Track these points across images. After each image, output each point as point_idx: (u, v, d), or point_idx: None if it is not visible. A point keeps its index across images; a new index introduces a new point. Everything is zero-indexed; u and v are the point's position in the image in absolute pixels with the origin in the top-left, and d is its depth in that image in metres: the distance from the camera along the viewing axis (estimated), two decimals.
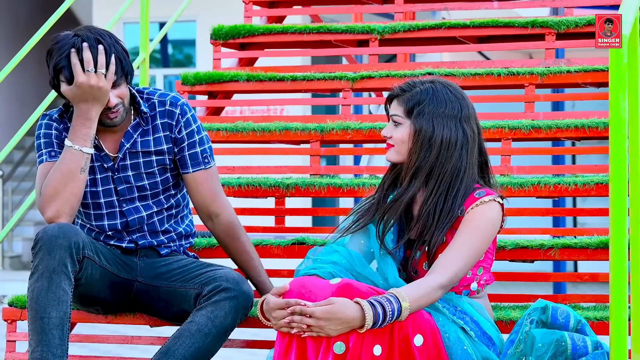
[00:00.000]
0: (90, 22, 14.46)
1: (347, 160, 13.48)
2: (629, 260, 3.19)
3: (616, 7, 3.49)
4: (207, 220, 3.82)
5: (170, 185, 3.79)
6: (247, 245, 3.84)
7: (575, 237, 4.14)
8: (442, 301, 3.24)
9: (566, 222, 10.45)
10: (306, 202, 11.72)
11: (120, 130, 3.72)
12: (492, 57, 10.88)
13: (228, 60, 5.57)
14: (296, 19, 11.18)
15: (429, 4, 5.63)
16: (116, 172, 3.72)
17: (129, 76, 3.66)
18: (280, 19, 5.89)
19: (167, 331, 3.72)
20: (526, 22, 5.10)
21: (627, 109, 3.09)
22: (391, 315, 3.03)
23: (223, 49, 5.49)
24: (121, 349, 6.75)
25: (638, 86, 3.29)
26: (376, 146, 5.32)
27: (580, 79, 4.75)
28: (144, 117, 3.72)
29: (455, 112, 3.31)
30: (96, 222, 3.75)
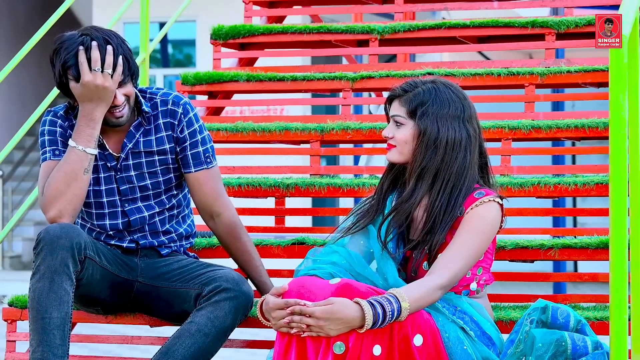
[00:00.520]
0: (90, 22, 14.46)
1: (347, 160, 13.48)
2: (629, 260, 3.19)
3: (616, 7, 3.48)
4: (208, 219, 3.81)
5: (172, 186, 3.79)
6: (248, 245, 3.84)
7: (575, 237, 4.14)
8: (442, 301, 3.23)
9: (566, 222, 10.44)
10: (306, 202, 11.72)
11: (123, 130, 3.72)
12: (492, 57, 10.88)
13: (228, 60, 5.57)
14: (296, 19, 11.18)
15: (429, 4, 5.63)
16: (119, 171, 3.72)
17: (134, 76, 3.66)
18: (280, 19, 5.89)
19: (167, 331, 3.72)
20: (526, 22, 5.10)
21: (627, 109, 3.09)
22: (391, 315, 3.03)
23: (223, 49, 5.49)
24: (121, 349, 6.74)
25: (638, 86, 3.29)
26: (376, 146, 5.32)
27: (580, 79, 4.75)
28: (145, 117, 3.72)
29: (459, 112, 3.31)
30: (97, 221, 3.75)
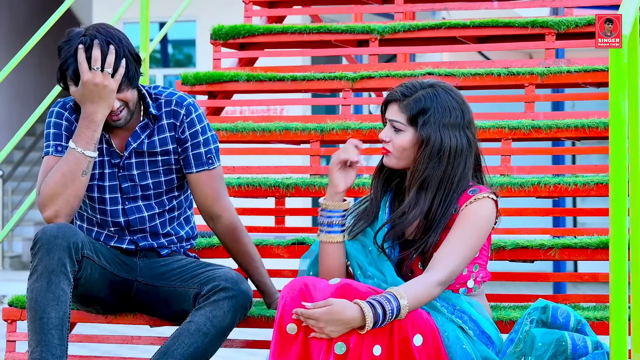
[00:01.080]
0: (91, 22, 14.45)
1: None
2: (629, 260, 3.19)
3: (616, 7, 3.48)
4: (208, 220, 3.81)
5: (174, 187, 3.78)
6: (248, 247, 3.83)
7: (575, 237, 4.14)
8: (441, 300, 3.23)
9: (566, 222, 10.43)
10: (306, 202, 11.71)
11: (130, 129, 3.71)
12: (492, 57, 10.88)
13: (228, 60, 5.57)
14: (296, 19, 11.18)
15: (429, 4, 5.63)
16: (122, 169, 3.72)
17: (134, 81, 3.62)
18: (280, 19, 5.89)
19: (167, 331, 3.71)
20: (526, 22, 5.10)
21: (627, 109, 3.09)
22: (391, 314, 3.03)
23: (223, 49, 5.48)
24: (121, 349, 6.74)
25: (638, 86, 3.29)
26: (376, 146, 5.32)
27: (580, 79, 4.75)
28: (152, 119, 3.72)
29: (459, 119, 3.28)
30: (100, 215, 3.75)
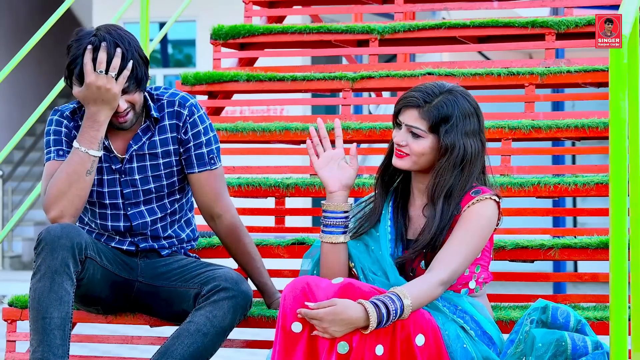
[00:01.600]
0: (90, 22, 14.45)
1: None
2: (629, 260, 3.19)
3: (616, 7, 3.48)
4: (209, 220, 3.81)
5: (175, 190, 3.78)
6: (249, 247, 3.83)
7: (575, 237, 4.14)
8: (443, 300, 3.24)
9: (566, 222, 10.43)
10: (306, 202, 11.71)
11: (131, 132, 3.71)
12: (492, 57, 10.88)
13: (228, 60, 5.57)
14: (296, 19, 11.18)
15: (429, 4, 5.63)
16: (123, 174, 3.71)
17: (141, 84, 3.62)
18: (280, 19, 5.89)
19: (167, 331, 3.71)
20: (526, 22, 5.10)
21: (627, 109, 3.09)
22: (394, 313, 3.03)
23: (223, 49, 5.48)
24: (121, 349, 6.74)
25: (638, 86, 3.29)
26: (376, 146, 5.32)
27: (580, 79, 4.75)
28: (153, 121, 3.71)
29: (476, 126, 3.29)
30: (100, 220, 3.75)
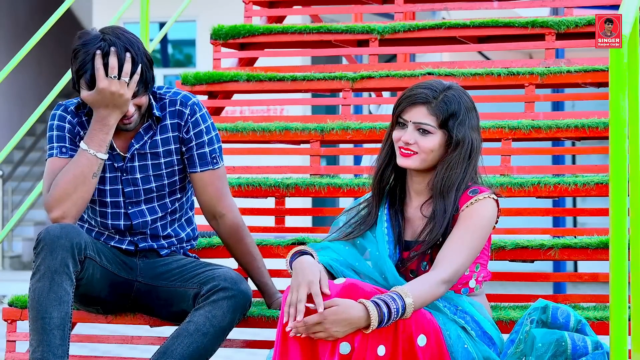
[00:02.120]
0: (90, 22, 14.45)
1: (347, 160, 13.46)
2: (629, 260, 3.19)
3: (616, 7, 3.48)
4: (211, 220, 3.81)
5: (176, 189, 3.78)
6: (250, 247, 3.83)
7: (575, 237, 4.14)
8: (443, 300, 3.23)
9: (566, 222, 10.43)
10: (306, 202, 11.71)
11: (132, 131, 3.70)
12: (492, 57, 10.88)
13: (228, 60, 5.57)
14: (296, 19, 11.18)
15: (429, 4, 5.63)
16: (125, 173, 3.71)
17: (149, 86, 3.63)
18: (280, 19, 5.89)
19: (167, 331, 3.71)
20: (526, 22, 5.10)
21: (627, 109, 3.09)
22: (396, 313, 3.03)
23: (223, 49, 5.48)
24: (121, 349, 6.74)
25: (638, 86, 3.29)
26: (376, 146, 5.32)
27: (580, 79, 4.75)
28: (155, 120, 3.71)
29: (477, 121, 3.34)
30: (101, 218, 3.75)
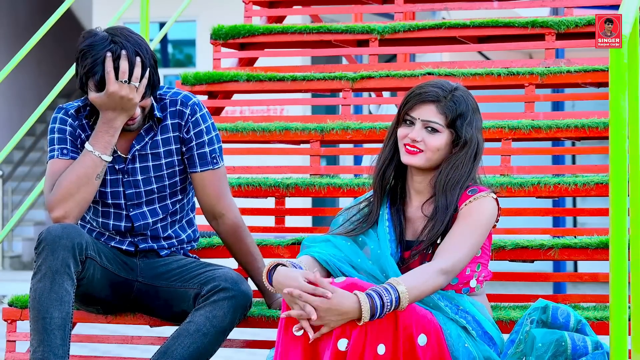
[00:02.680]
0: (90, 22, 14.45)
1: (347, 160, 13.47)
2: (629, 260, 3.19)
3: (616, 7, 3.48)
4: (211, 220, 3.81)
5: (177, 190, 3.78)
6: (251, 247, 3.83)
7: (575, 237, 4.14)
8: (445, 300, 3.23)
9: (566, 222, 10.43)
10: (306, 202, 11.72)
11: (133, 132, 3.71)
12: (492, 57, 10.88)
13: (228, 60, 5.57)
14: (296, 19, 11.18)
15: (429, 4, 5.63)
16: (126, 174, 3.71)
17: (155, 89, 3.64)
18: (280, 19, 5.89)
19: (167, 331, 3.72)
20: (526, 22, 5.10)
21: (627, 109, 3.09)
22: (389, 304, 3.02)
23: (223, 49, 5.49)
24: (121, 349, 6.74)
25: (638, 86, 3.29)
26: (376, 146, 5.32)
27: (580, 79, 4.75)
28: (155, 121, 3.72)
29: (481, 123, 3.37)
30: (102, 219, 3.75)
